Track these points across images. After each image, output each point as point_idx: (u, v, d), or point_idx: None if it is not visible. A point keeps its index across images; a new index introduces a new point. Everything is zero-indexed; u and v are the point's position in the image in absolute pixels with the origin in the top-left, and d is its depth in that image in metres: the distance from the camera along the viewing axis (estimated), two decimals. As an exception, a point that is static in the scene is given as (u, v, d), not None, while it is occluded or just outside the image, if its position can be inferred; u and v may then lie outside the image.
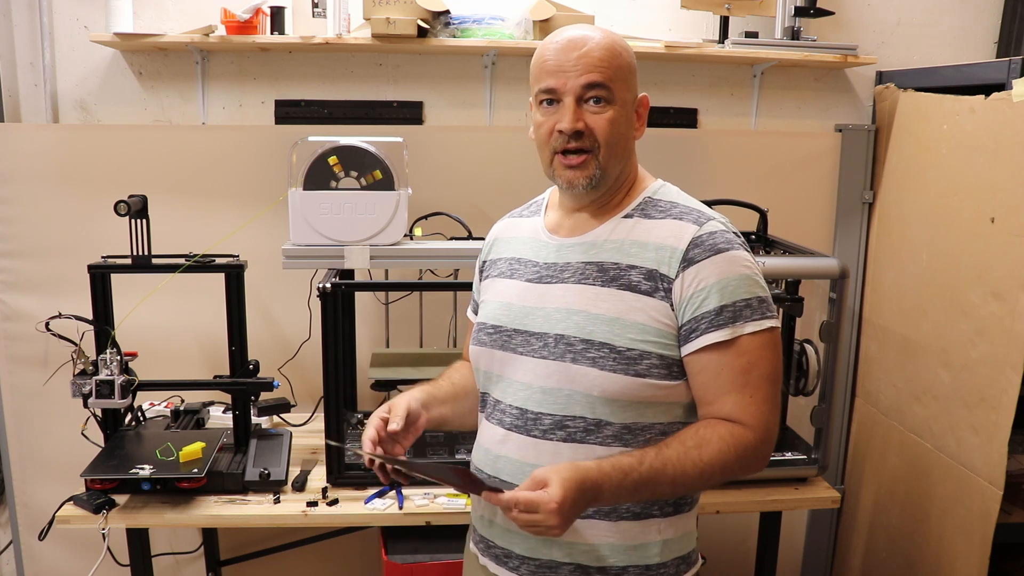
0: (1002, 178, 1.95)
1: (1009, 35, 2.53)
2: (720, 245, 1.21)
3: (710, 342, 1.19)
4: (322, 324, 1.85)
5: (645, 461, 1.16)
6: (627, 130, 1.27)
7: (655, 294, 1.21)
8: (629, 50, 1.26)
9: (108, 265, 1.90)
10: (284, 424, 2.23)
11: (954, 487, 2.10)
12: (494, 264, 1.42)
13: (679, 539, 1.31)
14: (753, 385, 1.20)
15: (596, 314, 1.23)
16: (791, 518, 2.58)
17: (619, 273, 1.24)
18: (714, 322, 1.19)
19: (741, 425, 1.19)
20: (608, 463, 1.15)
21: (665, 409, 1.25)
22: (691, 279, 1.20)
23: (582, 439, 1.24)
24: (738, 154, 2.50)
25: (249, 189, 2.30)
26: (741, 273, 1.20)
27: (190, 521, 1.81)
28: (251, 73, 2.40)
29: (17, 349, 2.35)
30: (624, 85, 1.24)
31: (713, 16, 2.42)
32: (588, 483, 1.12)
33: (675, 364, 1.23)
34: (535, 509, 1.08)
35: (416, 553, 1.87)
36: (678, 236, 1.22)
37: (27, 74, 2.34)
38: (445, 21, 2.24)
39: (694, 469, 1.17)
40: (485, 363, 1.35)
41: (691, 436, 1.19)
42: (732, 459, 1.18)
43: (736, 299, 1.19)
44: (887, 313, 2.47)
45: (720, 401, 1.21)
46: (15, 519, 2.45)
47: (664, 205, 1.27)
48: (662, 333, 1.21)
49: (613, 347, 1.21)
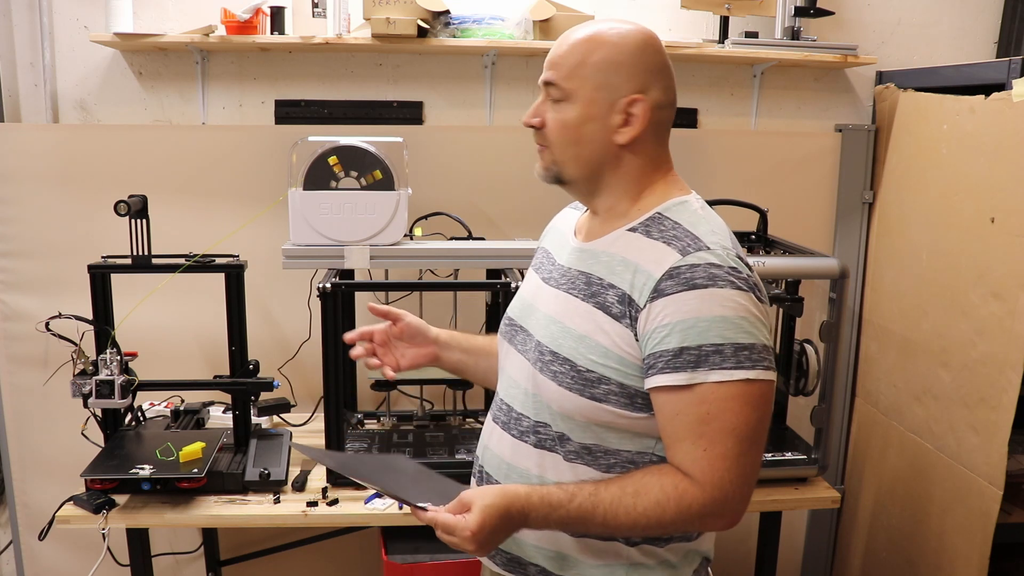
0: (1002, 178, 1.95)
1: (1009, 35, 2.53)
2: (698, 280, 1.08)
3: (663, 384, 1.10)
4: (322, 324, 1.85)
5: (576, 499, 1.11)
6: (594, 131, 1.17)
7: (622, 320, 1.13)
8: (617, 46, 1.16)
9: (108, 265, 1.90)
10: (284, 424, 2.23)
11: (954, 487, 2.10)
12: (537, 252, 1.40)
13: (656, 566, 1.24)
14: (710, 438, 1.08)
15: (569, 327, 1.18)
16: (791, 518, 2.58)
17: (600, 289, 1.17)
18: (671, 363, 1.08)
19: (690, 479, 1.10)
20: (538, 494, 1.12)
21: (631, 438, 1.18)
22: (657, 313, 1.09)
23: (551, 447, 1.22)
24: (738, 154, 2.50)
25: (249, 189, 2.30)
26: (716, 315, 1.07)
27: (190, 521, 1.81)
28: (251, 73, 2.40)
29: (17, 349, 2.35)
30: (589, 83, 1.15)
31: (713, 16, 2.42)
32: (514, 511, 1.10)
33: (639, 395, 1.14)
34: (452, 533, 1.09)
35: (416, 553, 1.87)
36: (658, 263, 1.11)
37: (27, 74, 2.34)
38: (445, 21, 2.24)
39: (626, 517, 1.11)
40: (500, 354, 1.36)
41: (633, 481, 1.13)
42: (671, 514, 1.10)
43: (703, 343, 1.07)
44: (887, 313, 2.47)
45: (674, 448, 1.12)
46: (15, 519, 2.45)
47: (668, 225, 1.16)
48: (624, 361, 1.13)
49: (574, 365, 1.16)
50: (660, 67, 1.18)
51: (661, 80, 1.18)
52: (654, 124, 1.18)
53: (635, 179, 1.21)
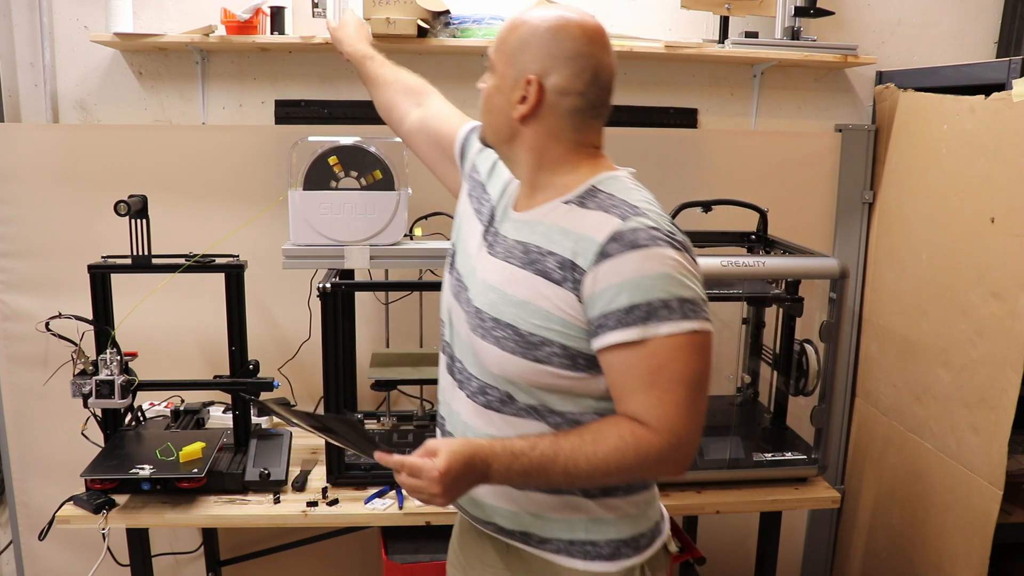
0: (1002, 178, 1.95)
1: (1009, 35, 2.53)
2: (641, 241, 1.14)
3: (616, 341, 1.15)
4: (322, 324, 1.85)
5: (537, 448, 1.17)
6: (500, 104, 1.25)
7: (563, 284, 1.18)
8: (531, 26, 1.22)
9: (108, 265, 1.90)
10: (284, 424, 2.23)
11: (954, 487, 2.10)
12: (485, 193, 1.42)
13: (615, 521, 1.30)
14: (662, 387, 1.15)
15: (509, 294, 1.23)
16: (791, 518, 2.58)
17: (538, 257, 1.22)
18: (623, 320, 1.14)
19: (645, 426, 1.16)
20: (500, 444, 1.17)
21: (572, 399, 1.24)
22: (604, 274, 1.15)
23: (498, 408, 1.27)
24: (738, 154, 2.50)
25: (249, 189, 2.30)
26: (660, 271, 1.14)
27: (190, 521, 1.81)
28: (251, 73, 2.40)
29: (17, 349, 2.35)
30: (505, 59, 1.24)
31: (713, 16, 2.42)
32: (477, 459, 1.15)
33: (580, 356, 1.20)
34: (419, 475, 1.13)
35: (416, 553, 1.87)
36: (600, 229, 1.17)
37: (27, 74, 2.34)
38: (445, 21, 2.24)
39: (586, 463, 1.16)
40: (445, 303, 1.40)
41: (591, 430, 1.19)
42: (630, 459, 1.15)
43: (651, 298, 1.13)
44: (887, 313, 2.47)
45: (627, 400, 1.18)
46: (15, 519, 2.45)
47: (602, 196, 1.22)
48: (566, 323, 1.19)
49: (516, 329, 1.21)
50: (571, 54, 1.21)
51: (569, 67, 1.21)
52: (552, 106, 1.23)
53: (540, 154, 1.26)
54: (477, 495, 1.33)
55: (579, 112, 1.24)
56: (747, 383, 2.33)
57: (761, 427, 2.18)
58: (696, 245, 2.16)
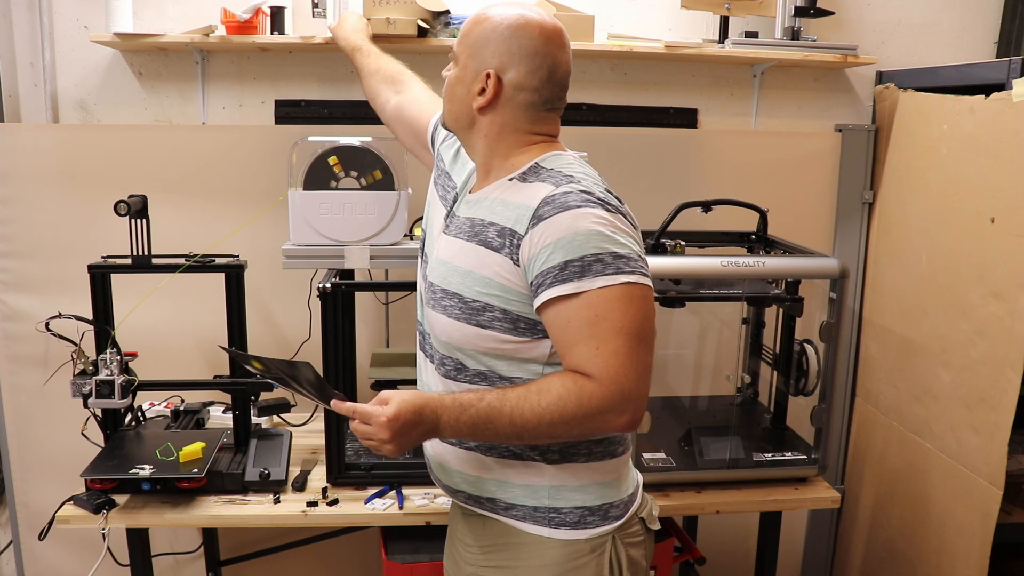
0: (1002, 178, 1.95)
1: (1009, 35, 2.53)
2: (571, 203, 1.21)
3: (553, 295, 1.20)
4: (322, 324, 1.85)
5: (485, 399, 1.22)
6: (461, 93, 1.34)
7: (502, 250, 1.25)
8: (496, 22, 1.31)
9: (108, 265, 1.90)
10: (284, 424, 2.23)
11: (954, 487, 2.10)
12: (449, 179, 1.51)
13: (580, 488, 1.33)
14: (600, 338, 1.19)
15: (456, 266, 1.31)
16: (791, 518, 2.58)
17: (481, 229, 1.30)
18: (559, 276, 1.19)
19: (588, 377, 1.19)
20: (450, 397, 1.24)
21: (518, 364, 1.29)
22: (538, 236, 1.21)
23: (454, 377, 1.35)
24: (738, 154, 2.50)
25: (249, 189, 2.30)
26: (590, 229, 1.19)
27: (190, 521, 1.81)
28: (251, 73, 2.40)
29: (17, 349, 2.35)
30: (468, 51, 1.33)
31: (713, 16, 2.42)
32: (427, 410, 1.21)
33: (522, 320, 1.26)
34: (368, 421, 1.20)
35: (416, 553, 1.87)
36: (534, 196, 1.25)
37: (27, 74, 2.34)
38: (445, 21, 2.24)
39: (531, 413, 1.20)
40: (418, 277, 1.50)
41: (537, 383, 1.23)
42: (572, 407, 1.19)
43: (584, 254, 1.19)
44: (887, 313, 2.47)
45: (569, 354, 1.22)
46: (15, 519, 2.45)
47: (542, 171, 1.30)
48: (505, 288, 1.25)
49: (461, 297, 1.29)
50: (530, 52, 1.30)
51: (526, 64, 1.30)
52: (508, 99, 1.31)
53: (495, 141, 1.34)
54: (444, 460, 1.40)
55: (533, 106, 1.32)
56: (747, 383, 2.34)
57: (761, 427, 2.18)
58: (696, 245, 2.19)
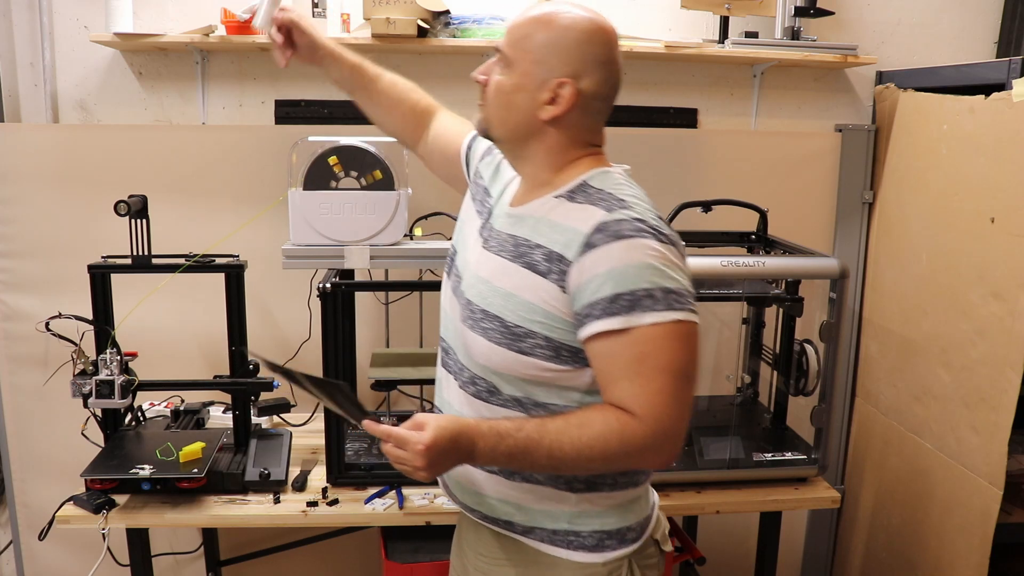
0: (1002, 178, 1.95)
1: (1009, 35, 2.53)
2: (624, 232, 1.16)
3: (601, 330, 1.16)
4: (322, 324, 1.85)
5: (523, 429, 1.17)
6: (522, 102, 1.24)
7: (549, 275, 1.20)
8: (566, 27, 1.23)
9: (108, 265, 1.90)
10: (284, 424, 2.23)
11: (954, 487, 2.10)
12: (487, 194, 1.43)
13: (600, 513, 1.32)
14: (646, 376, 1.15)
15: (497, 287, 1.25)
16: (791, 518, 2.58)
17: (526, 250, 1.24)
18: (607, 310, 1.15)
19: (630, 414, 1.16)
20: (487, 424, 1.19)
21: (557, 392, 1.25)
22: (589, 264, 1.17)
23: (486, 399, 1.30)
24: (738, 154, 2.50)
25: (249, 189, 2.30)
26: (642, 261, 1.15)
27: (190, 521, 1.81)
28: (251, 73, 2.40)
29: (17, 349, 2.35)
30: (530, 56, 1.23)
31: (713, 16, 2.42)
32: (463, 437, 1.16)
33: (565, 348, 1.22)
34: (404, 446, 1.15)
35: (416, 553, 1.87)
36: (585, 220, 1.19)
37: (27, 74, 2.34)
38: (445, 21, 2.24)
39: (571, 447, 1.16)
40: (444, 296, 1.43)
41: (577, 415, 1.20)
42: (614, 446, 1.16)
43: (635, 287, 1.14)
44: (887, 313, 2.47)
45: (611, 388, 1.19)
46: (15, 519, 2.45)
47: (591, 191, 1.24)
48: (550, 315, 1.21)
49: (503, 321, 1.23)
50: (602, 60, 1.24)
51: (599, 72, 1.24)
52: (581, 109, 1.25)
53: (556, 154, 1.28)
54: (465, 480, 1.36)
55: (600, 115, 1.28)
56: (747, 383, 2.33)
57: (761, 427, 2.18)
58: (696, 245, 2.19)
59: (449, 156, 1.62)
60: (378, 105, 1.67)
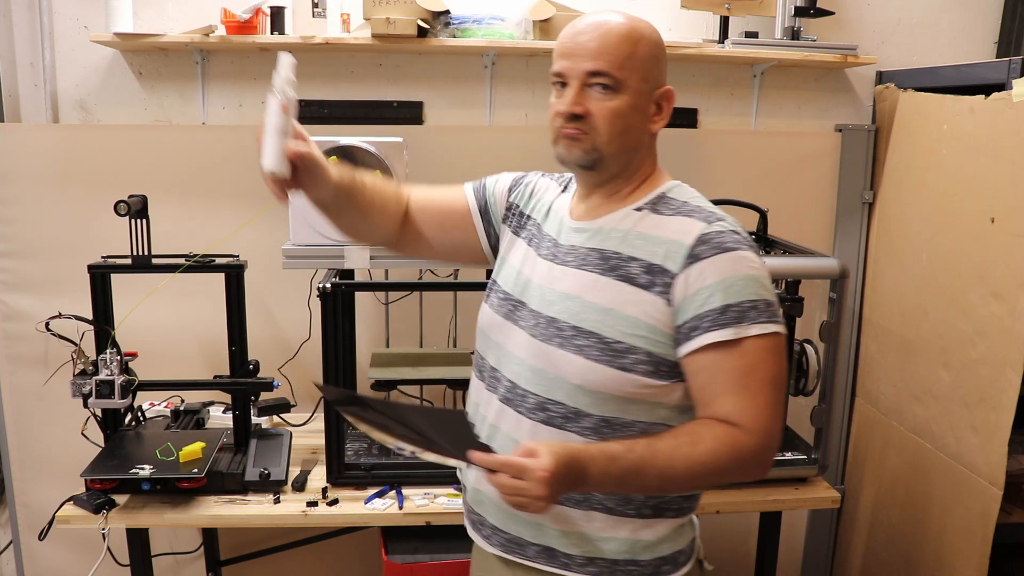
0: (1002, 178, 1.95)
1: (1009, 35, 2.53)
2: (727, 244, 1.17)
3: (712, 341, 1.15)
4: (322, 324, 1.85)
5: (635, 450, 1.13)
6: (638, 120, 1.23)
7: (651, 288, 1.18)
8: (653, 39, 1.24)
9: (108, 265, 1.90)
10: (284, 424, 2.23)
11: (954, 487, 2.10)
12: (528, 218, 1.38)
13: (659, 540, 1.28)
14: (754, 388, 1.16)
15: (591, 302, 1.21)
16: (791, 518, 2.58)
17: (619, 263, 1.21)
18: (717, 321, 1.15)
19: (739, 428, 1.15)
20: (597, 447, 1.14)
21: (649, 408, 1.22)
22: (695, 276, 1.16)
23: (560, 425, 1.23)
24: (738, 154, 2.50)
25: (249, 189, 2.29)
26: (747, 274, 1.17)
27: (190, 521, 1.81)
28: (251, 73, 2.40)
29: (17, 349, 2.35)
30: (638, 75, 1.21)
31: (713, 16, 2.42)
32: (576, 462, 1.10)
33: (664, 363, 1.20)
34: (523, 475, 1.07)
35: (416, 553, 1.87)
36: (686, 232, 1.19)
37: (27, 74, 2.34)
38: (445, 21, 2.24)
39: (683, 465, 1.14)
40: (488, 325, 1.35)
41: (685, 432, 1.17)
42: (725, 460, 1.14)
43: (742, 299, 1.15)
44: (887, 313, 2.47)
45: (718, 402, 1.17)
46: (15, 519, 2.45)
47: (675, 203, 1.25)
48: (654, 329, 1.18)
49: (601, 337, 1.19)
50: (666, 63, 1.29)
51: (666, 75, 1.28)
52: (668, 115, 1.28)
53: (647, 164, 1.29)
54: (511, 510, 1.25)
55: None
56: (747, 383, 2.33)
57: (761, 427, 2.18)
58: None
59: (453, 220, 1.46)
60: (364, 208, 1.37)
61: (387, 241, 1.45)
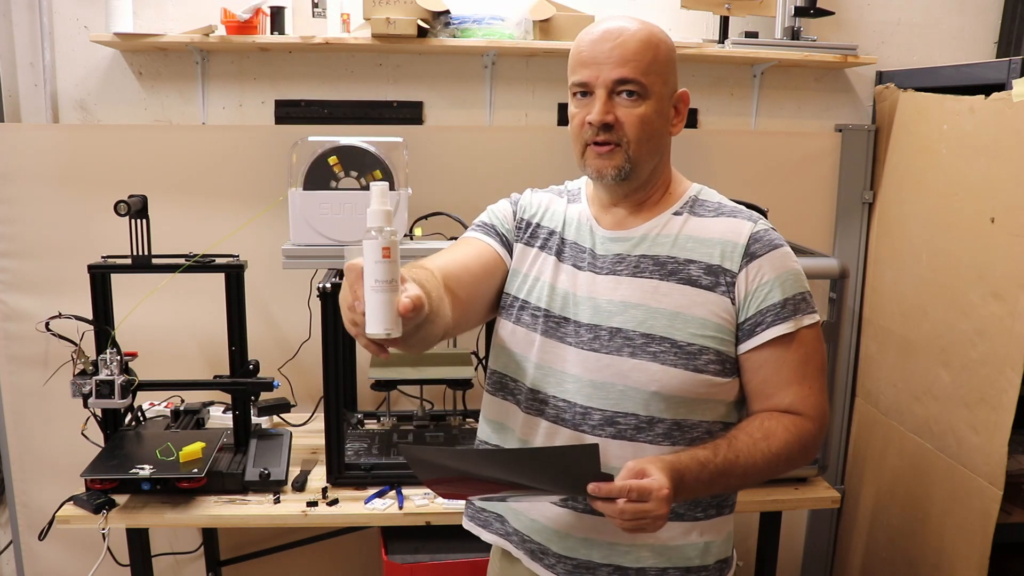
0: (1002, 178, 1.95)
1: (1009, 35, 2.53)
2: (776, 241, 1.24)
3: (776, 335, 1.20)
4: (322, 324, 1.85)
5: (719, 453, 1.16)
6: (661, 125, 1.24)
7: (716, 288, 1.21)
8: (668, 43, 1.25)
9: (108, 265, 1.90)
10: (284, 424, 2.23)
11: (954, 487, 2.10)
12: (539, 227, 1.34)
13: (720, 542, 1.30)
14: (811, 376, 1.22)
15: (657, 308, 1.22)
16: (791, 518, 2.58)
17: (677, 267, 1.23)
18: (779, 315, 1.20)
19: (803, 416, 1.21)
20: (687, 455, 1.14)
21: (712, 407, 1.25)
22: (754, 273, 1.21)
23: (632, 436, 1.22)
24: (738, 154, 2.50)
25: (249, 189, 2.30)
26: (795, 268, 1.24)
27: (190, 521, 1.81)
28: (251, 73, 2.40)
29: (17, 349, 2.35)
30: (660, 79, 1.22)
31: (713, 16, 2.42)
32: (676, 474, 1.10)
33: (728, 360, 1.23)
34: (646, 497, 1.05)
35: (416, 553, 1.87)
36: (737, 232, 1.23)
37: (27, 74, 2.34)
38: (445, 21, 2.24)
39: (763, 460, 1.17)
40: (519, 344, 1.29)
41: (757, 428, 1.20)
42: (796, 449, 1.20)
43: (795, 292, 1.22)
44: (887, 313, 2.47)
45: (781, 394, 1.22)
46: (15, 519, 2.45)
47: (710, 204, 1.29)
48: (721, 328, 1.22)
49: (674, 342, 1.20)
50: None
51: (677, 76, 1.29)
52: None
53: (667, 167, 1.31)
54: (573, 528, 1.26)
55: None
56: (747, 383, 2.33)
57: (761, 427, 2.18)
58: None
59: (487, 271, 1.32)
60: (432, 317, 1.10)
61: (447, 333, 1.21)
